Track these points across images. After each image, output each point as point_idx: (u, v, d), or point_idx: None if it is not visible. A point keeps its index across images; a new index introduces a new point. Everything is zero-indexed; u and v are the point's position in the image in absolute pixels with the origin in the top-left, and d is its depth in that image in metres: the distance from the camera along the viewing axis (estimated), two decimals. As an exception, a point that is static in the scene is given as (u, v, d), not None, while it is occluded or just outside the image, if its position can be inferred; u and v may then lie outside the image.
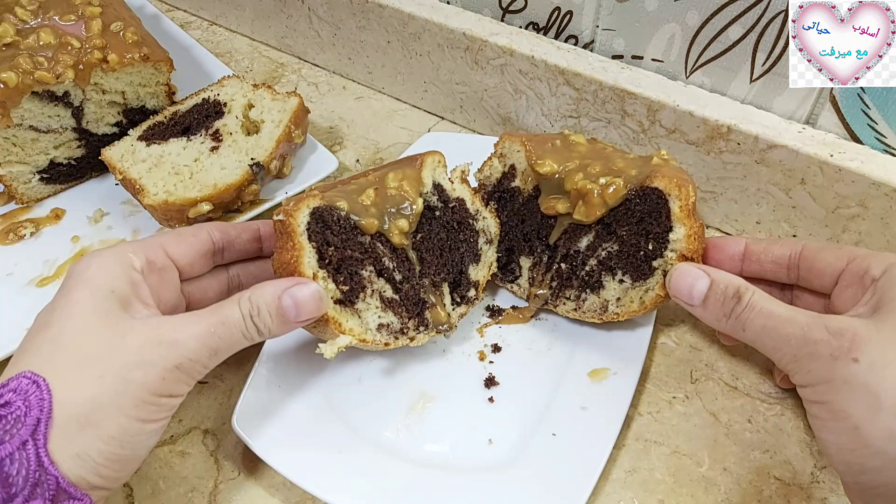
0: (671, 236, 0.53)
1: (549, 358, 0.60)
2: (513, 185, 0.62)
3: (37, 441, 0.38)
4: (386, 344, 0.55)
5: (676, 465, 0.54)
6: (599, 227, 0.57)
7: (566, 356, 0.59)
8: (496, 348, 0.61)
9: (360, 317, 0.53)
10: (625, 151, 0.59)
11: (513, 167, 0.62)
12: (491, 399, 0.57)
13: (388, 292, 0.55)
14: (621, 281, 0.57)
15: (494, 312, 0.64)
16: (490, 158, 0.63)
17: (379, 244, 0.54)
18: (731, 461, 0.54)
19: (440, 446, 0.54)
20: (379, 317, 0.54)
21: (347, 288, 0.52)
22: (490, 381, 0.58)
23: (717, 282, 0.49)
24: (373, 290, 0.54)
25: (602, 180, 0.55)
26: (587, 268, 0.58)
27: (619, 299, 0.57)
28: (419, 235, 0.57)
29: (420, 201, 0.56)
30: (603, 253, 0.57)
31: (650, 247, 0.54)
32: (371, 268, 0.53)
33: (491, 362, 0.60)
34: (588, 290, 0.59)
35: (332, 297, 0.51)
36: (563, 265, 0.60)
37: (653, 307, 0.55)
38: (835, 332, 0.42)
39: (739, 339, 0.49)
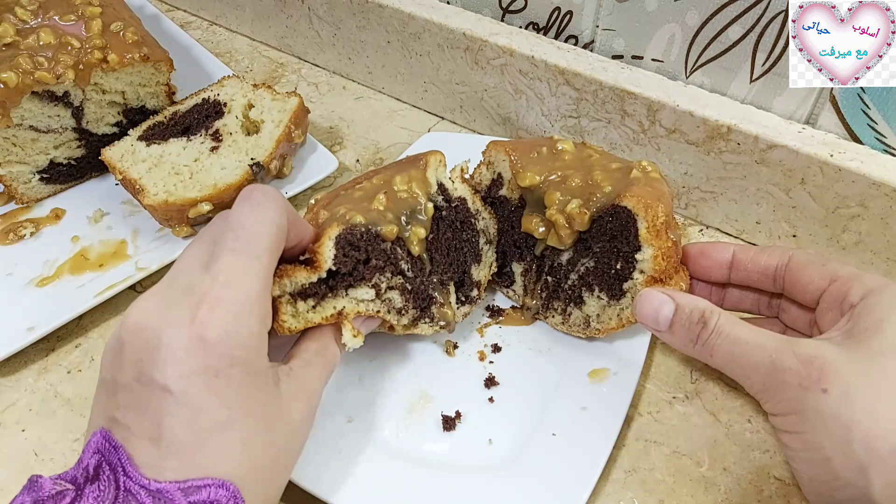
0: (638, 256, 0.52)
1: (549, 358, 0.60)
2: (501, 193, 0.62)
3: None
4: (377, 312, 0.52)
5: (676, 465, 0.54)
6: (577, 242, 0.57)
7: (566, 356, 0.59)
8: (496, 348, 0.61)
9: (346, 296, 0.51)
10: (612, 157, 0.59)
11: (500, 175, 0.61)
12: (491, 399, 0.57)
13: (399, 282, 0.54)
14: (599, 297, 0.57)
15: (494, 312, 0.64)
16: (479, 166, 0.63)
17: (398, 248, 0.53)
18: (731, 461, 0.54)
19: (440, 446, 0.54)
20: (375, 291, 0.52)
21: (325, 292, 0.50)
22: (490, 381, 0.58)
23: (682, 306, 0.47)
24: (378, 284, 0.52)
25: (572, 204, 0.54)
26: (569, 282, 0.58)
27: (598, 315, 0.57)
28: (430, 236, 0.56)
29: (430, 204, 0.55)
30: (581, 268, 0.57)
31: (619, 266, 0.54)
32: (389, 273, 0.53)
33: (491, 362, 0.60)
34: (572, 305, 0.59)
35: (307, 311, 0.49)
36: (549, 278, 0.60)
37: (630, 325, 0.55)
38: (804, 360, 0.41)
39: (711, 366, 0.48)
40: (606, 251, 0.55)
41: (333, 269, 0.48)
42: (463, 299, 0.60)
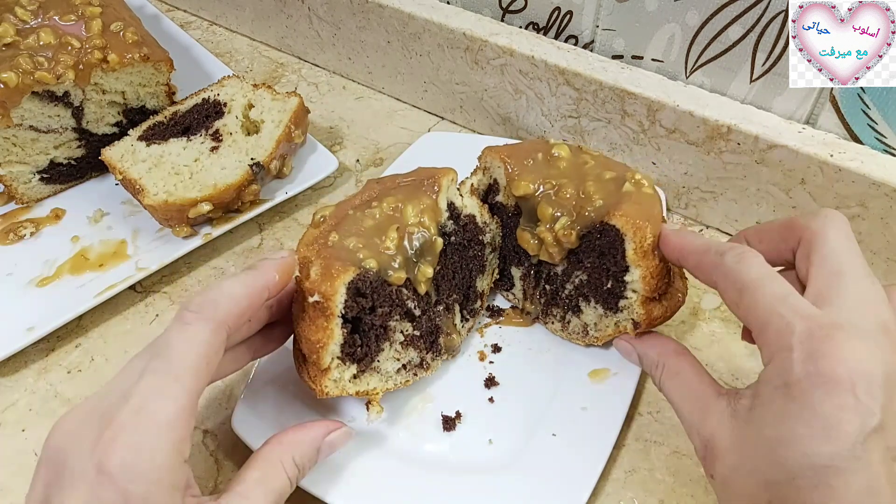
0: (627, 277, 0.52)
1: (550, 358, 0.60)
2: (497, 199, 0.61)
3: None
4: (406, 382, 0.55)
5: (676, 465, 0.54)
6: (570, 255, 0.57)
7: (566, 356, 0.59)
8: (496, 348, 0.61)
9: (378, 372, 0.53)
10: (608, 164, 0.58)
11: (496, 181, 0.61)
12: (491, 399, 0.57)
13: (409, 330, 0.54)
14: (595, 308, 0.57)
15: (494, 313, 0.64)
16: (476, 171, 0.63)
17: (403, 289, 0.53)
18: (731, 461, 0.54)
19: (440, 446, 0.54)
20: (398, 360, 0.54)
21: (364, 360, 0.52)
22: (490, 381, 0.58)
23: (641, 356, 0.52)
24: (394, 339, 0.53)
25: (560, 223, 0.54)
26: (566, 291, 0.58)
27: (595, 324, 0.57)
28: (437, 268, 0.56)
29: (439, 240, 0.54)
30: (576, 280, 0.57)
31: (609, 284, 0.54)
32: (397, 316, 0.53)
33: (491, 362, 0.60)
34: (571, 312, 0.59)
35: (348, 379, 0.51)
36: (547, 286, 0.60)
37: (626, 332, 0.55)
38: (701, 443, 0.42)
39: None
40: (597, 267, 0.55)
41: (343, 313, 0.48)
42: (467, 316, 0.61)
